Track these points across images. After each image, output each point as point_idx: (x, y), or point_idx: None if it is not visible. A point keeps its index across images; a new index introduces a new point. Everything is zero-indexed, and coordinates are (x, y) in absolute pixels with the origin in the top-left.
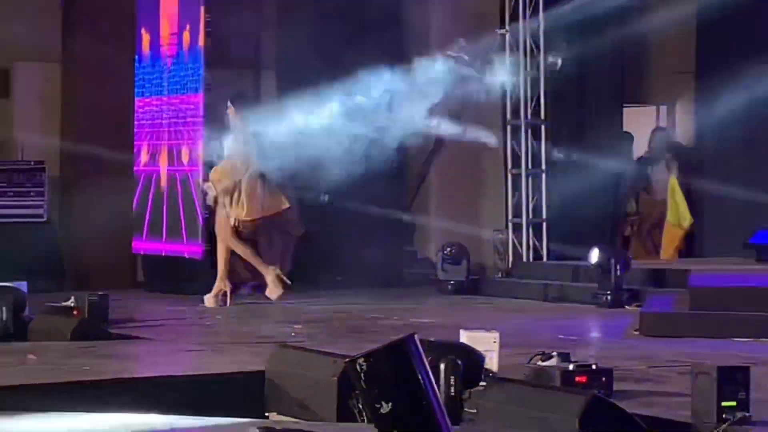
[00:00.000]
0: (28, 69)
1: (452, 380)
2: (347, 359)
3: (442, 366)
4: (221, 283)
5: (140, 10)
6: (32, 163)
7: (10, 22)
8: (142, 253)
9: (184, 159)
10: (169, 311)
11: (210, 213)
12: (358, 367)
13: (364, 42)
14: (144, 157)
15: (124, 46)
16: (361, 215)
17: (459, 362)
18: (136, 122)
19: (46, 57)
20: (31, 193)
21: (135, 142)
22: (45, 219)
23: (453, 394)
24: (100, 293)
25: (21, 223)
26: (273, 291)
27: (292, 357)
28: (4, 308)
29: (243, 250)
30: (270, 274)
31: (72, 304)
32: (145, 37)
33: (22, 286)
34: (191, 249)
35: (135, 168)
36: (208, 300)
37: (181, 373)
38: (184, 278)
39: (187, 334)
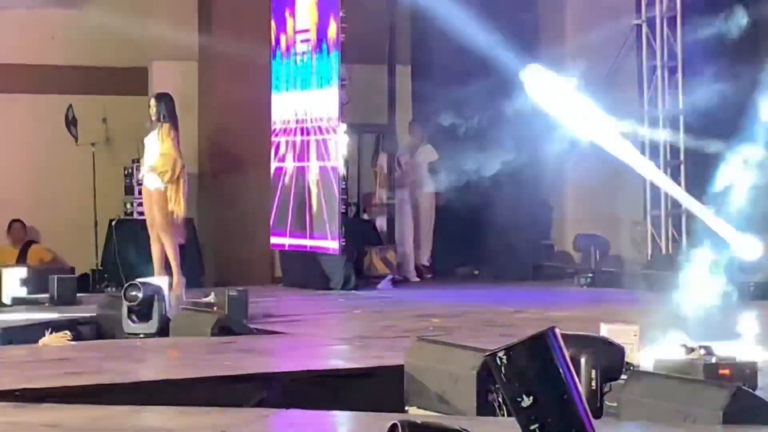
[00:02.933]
0: (165, 67)
1: (593, 374)
2: (487, 353)
3: (583, 360)
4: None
5: (276, 6)
6: None
7: (148, 22)
8: (279, 248)
9: (320, 153)
10: (307, 306)
11: (346, 208)
12: (498, 360)
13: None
14: (281, 152)
15: (261, 43)
16: (498, 209)
17: (600, 355)
18: (272, 118)
19: (184, 55)
20: None
21: (272, 138)
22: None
23: (594, 387)
24: (239, 289)
25: None
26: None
27: (431, 351)
28: (150, 304)
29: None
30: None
31: (212, 300)
32: (281, 34)
33: (164, 282)
34: (327, 243)
35: (272, 164)
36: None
37: (320, 367)
38: (321, 273)
39: (325, 329)
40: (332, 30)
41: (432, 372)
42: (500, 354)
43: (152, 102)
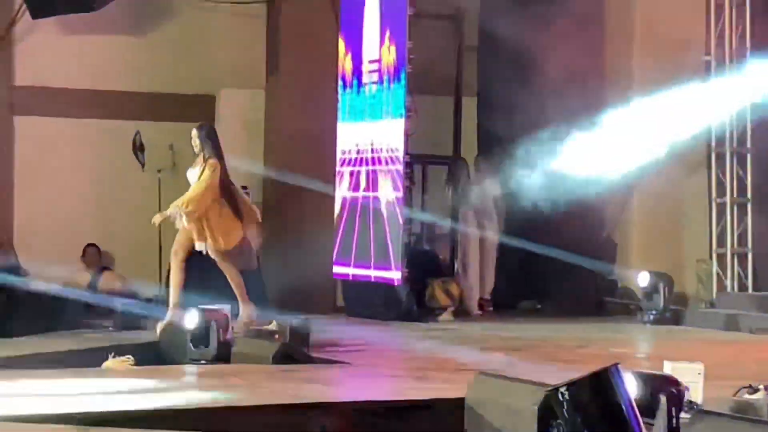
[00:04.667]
0: (233, 95)
1: (674, 412)
2: (549, 388)
3: (664, 398)
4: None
5: (344, 36)
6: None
7: (217, 51)
8: (341, 277)
9: (385, 185)
10: (368, 336)
11: (409, 239)
12: (560, 395)
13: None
14: (345, 182)
15: (328, 73)
16: (562, 243)
17: (679, 395)
18: (338, 148)
19: (251, 83)
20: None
21: (337, 168)
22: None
23: (675, 426)
24: (301, 317)
25: None
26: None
27: (493, 384)
28: (211, 331)
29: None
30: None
31: (274, 328)
32: (348, 64)
33: (226, 309)
34: (389, 274)
35: (336, 193)
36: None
37: (381, 398)
38: (381, 303)
39: (387, 359)
40: (399, 61)
41: (493, 406)
42: (562, 389)
43: (194, 133)
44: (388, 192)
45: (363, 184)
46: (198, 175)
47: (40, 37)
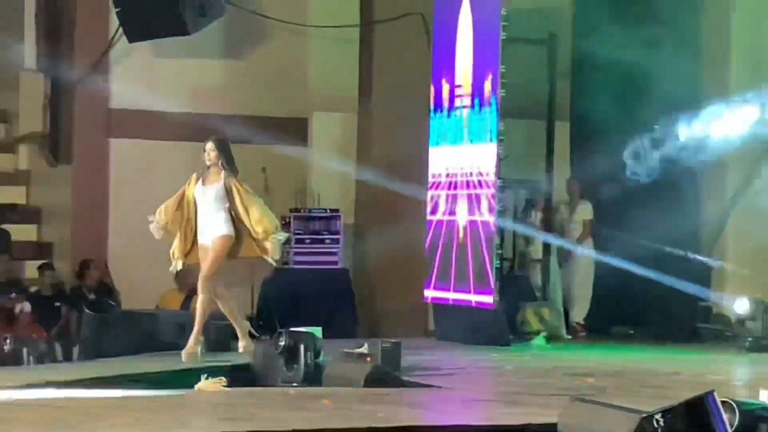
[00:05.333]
0: (326, 119)
1: None
2: (643, 414)
3: (765, 427)
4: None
5: (436, 61)
6: (328, 210)
7: (310, 74)
8: (432, 301)
9: (476, 208)
10: (460, 360)
11: (501, 263)
12: (654, 423)
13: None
14: (436, 205)
15: (419, 97)
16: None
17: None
18: (429, 171)
19: (344, 107)
20: (327, 240)
21: (428, 191)
22: (340, 266)
23: None
24: (392, 340)
25: (317, 270)
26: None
27: (586, 410)
28: (303, 353)
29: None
30: (245, 328)
31: (365, 351)
32: (440, 88)
33: (318, 331)
34: (481, 298)
35: (427, 216)
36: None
37: (473, 422)
38: (473, 327)
39: (479, 384)
40: (491, 85)
41: None
42: (657, 416)
43: (209, 145)
44: (478, 215)
45: (453, 208)
46: (225, 195)
47: (136, 60)
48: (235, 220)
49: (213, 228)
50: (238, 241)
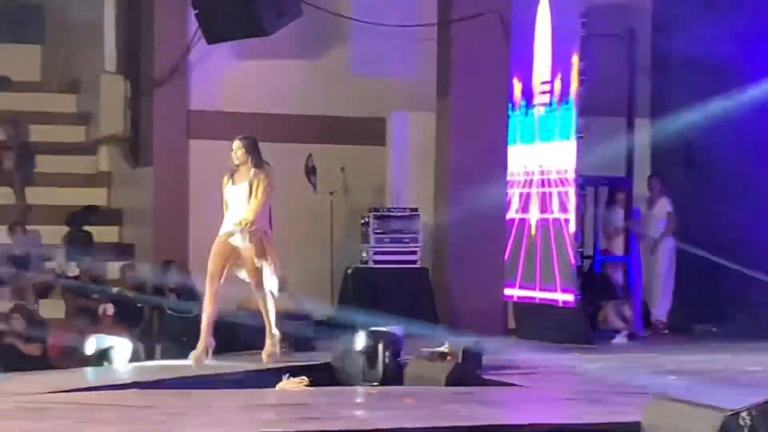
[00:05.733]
0: (404, 118)
1: None
2: (728, 412)
3: None
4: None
5: (513, 58)
6: (407, 209)
7: (388, 74)
8: (513, 299)
9: (556, 206)
10: (541, 359)
11: (582, 261)
12: (741, 420)
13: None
14: (516, 204)
15: (498, 95)
16: (740, 265)
17: None
18: (508, 170)
19: (422, 106)
20: (406, 240)
21: (507, 190)
22: (419, 265)
23: None
24: (473, 339)
25: (397, 269)
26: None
27: (670, 408)
28: (384, 352)
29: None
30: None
31: (446, 350)
32: (518, 86)
33: (398, 330)
34: (563, 296)
35: (507, 215)
36: (194, 358)
37: (555, 421)
38: (554, 326)
39: (561, 383)
40: (570, 82)
41: (670, 430)
42: (743, 414)
43: (236, 144)
44: (558, 213)
45: (532, 205)
46: (249, 190)
47: (215, 61)
48: None
49: (233, 226)
50: None
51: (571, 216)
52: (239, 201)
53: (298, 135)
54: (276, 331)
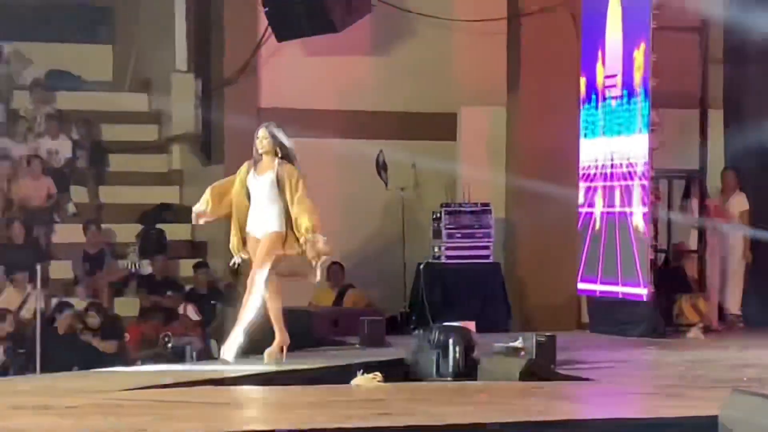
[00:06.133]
0: (474, 113)
1: None
2: None
3: None
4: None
5: (585, 51)
6: (479, 204)
7: (458, 69)
8: (586, 294)
9: (628, 199)
10: (615, 353)
11: (655, 255)
12: None
13: None
14: (589, 198)
15: (568, 89)
16: None
17: None
18: (580, 164)
19: (492, 101)
20: (478, 235)
21: (579, 184)
22: (492, 260)
23: None
24: (547, 334)
25: (469, 264)
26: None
27: (748, 402)
28: (457, 347)
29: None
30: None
31: (520, 345)
32: (590, 79)
33: (471, 326)
34: (635, 290)
35: (579, 209)
36: (269, 355)
37: (631, 416)
38: (628, 320)
39: (635, 377)
40: (642, 74)
41: (749, 425)
42: None
43: (262, 132)
44: (631, 207)
45: (606, 199)
46: (276, 184)
47: (285, 59)
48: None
49: (264, 222)
50: (286, 236)
51: (645, 209)
52: (264, 194)
53: (368, 131)
54: (280, 330)
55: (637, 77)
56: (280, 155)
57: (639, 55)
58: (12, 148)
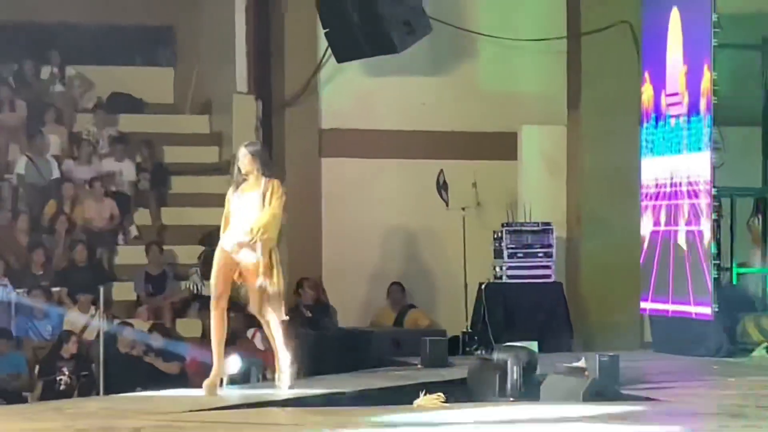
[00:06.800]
0: (534, 132)
1: None
2: None
3: None
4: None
5: (645, 70)
6: (540, 224)
7: (518, 87)
8: (649, 313)
9: (691, 217)
10: (678, 373)
11: (719, 273)
12: None
13: None
14: (650, 216)
15: (629, 107)
16: None
17: None
18: (641, 182)
19: (553, 120)
20: (540, 254)
21: (641, 203)
22: (553, 279)
23: None
24: (610, 354)
25: (531, 284)
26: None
27: None
28: (515, 367)
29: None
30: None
31: (583, 365)
32: (650, 97)
33: (533, 345)
34: (700, 309)
35: (641, 228)
36: (206, 388)
37: None
38: (692, 339)
39: (700, 396)
40: (703, 93)
41: None
42: None
43: (242, 151)
44: (694, 225)
45: (668, 217)
46: (261, 201)
47: (345, 80)
48: None
49: (243, 236)
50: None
51: (707, 227)
52: (249, 212)
53: (429, 151)
54: (285, 356)
55: (698, 95)
56: (265, 174)
57: (699, 73)
58: (75, 171)
